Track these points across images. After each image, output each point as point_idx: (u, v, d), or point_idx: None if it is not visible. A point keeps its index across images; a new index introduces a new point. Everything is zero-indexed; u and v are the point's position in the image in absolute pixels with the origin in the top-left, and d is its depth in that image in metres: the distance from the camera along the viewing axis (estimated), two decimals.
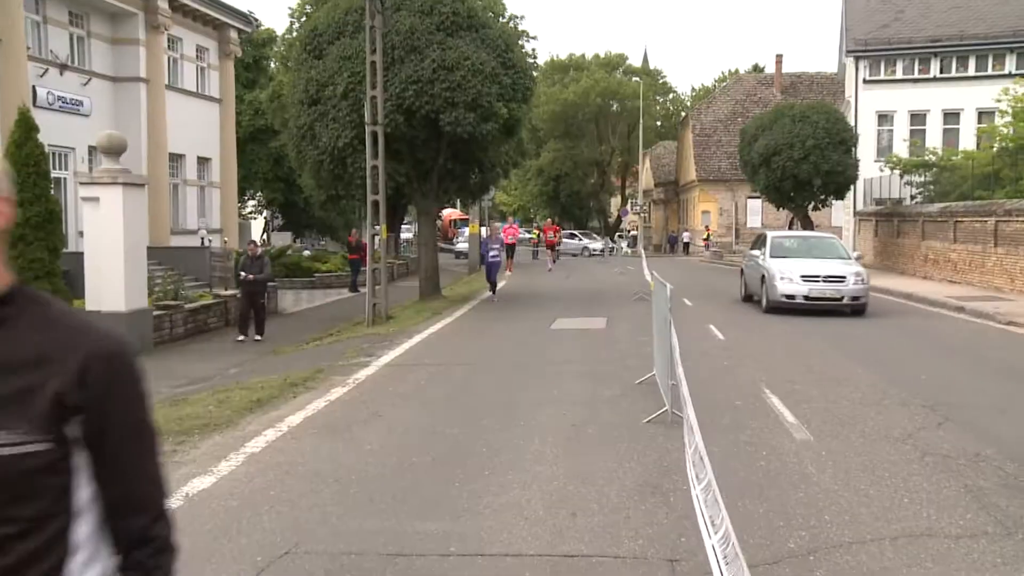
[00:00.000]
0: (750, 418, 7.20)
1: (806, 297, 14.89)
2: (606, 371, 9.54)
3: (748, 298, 17.23)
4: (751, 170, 28.92)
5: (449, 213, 52.25)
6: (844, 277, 14.99)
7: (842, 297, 14.85)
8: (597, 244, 46.78)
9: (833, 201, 29.67)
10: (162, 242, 21.42)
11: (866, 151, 30.86)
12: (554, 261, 30.59)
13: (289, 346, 14.22)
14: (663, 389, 7.37)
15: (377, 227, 16.01)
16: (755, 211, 47.80)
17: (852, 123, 30.44)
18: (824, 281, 14.96)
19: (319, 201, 27.61)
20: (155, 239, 20.73)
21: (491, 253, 18.79)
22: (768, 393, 8.19)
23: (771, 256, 15.93)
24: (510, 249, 28.32)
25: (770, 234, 17.30)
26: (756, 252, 17.07)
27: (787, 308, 14.96)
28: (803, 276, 15.00)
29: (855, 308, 14.93)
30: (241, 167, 33.52)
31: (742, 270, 18.18)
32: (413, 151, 17.97)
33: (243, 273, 14.94)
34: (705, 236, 45.42)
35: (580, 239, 46.46)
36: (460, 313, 16.31)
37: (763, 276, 15.71)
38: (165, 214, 22.20)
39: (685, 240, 54.61)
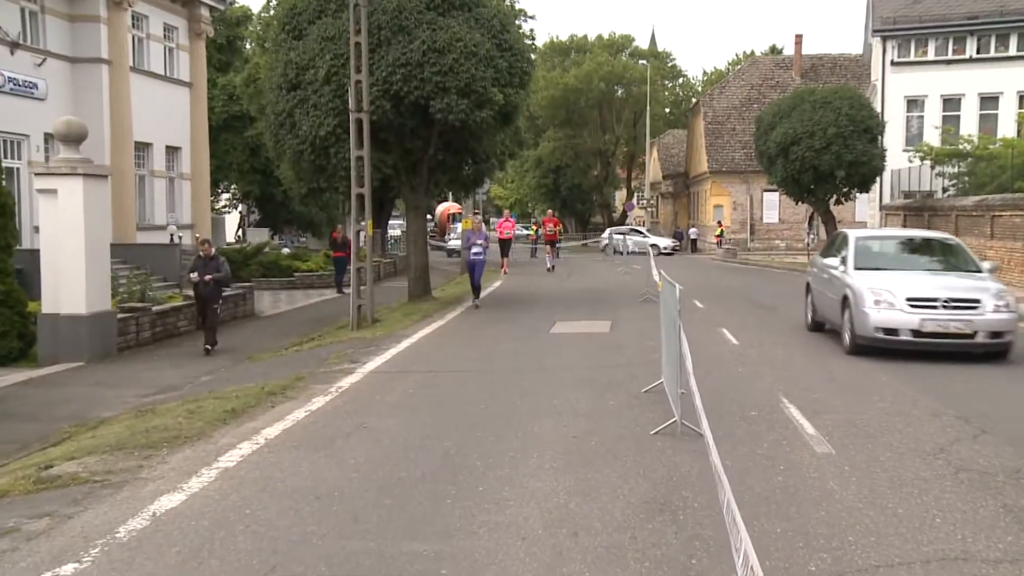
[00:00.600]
0: (767, 430, 7.21)
1: (916, 332, 10.42)
2: (610, 378, 9.55)
3: (818, 327, 13.15)
4: (768, 161, 28.96)
5: (447, 207, 52.28)
6: (977, 302, 10.50)
7: (974, 333, 10.35)
8: (666, 241, 46.74)
9: (857, 194, 29.67)
10: (127, 239, 21.43)
11: (894, 140, 30.86)
12: (555, 258, 29.94)
13: (266, 352, 14.20)
14: (672, 398, 7.38)
15: (362, 223, 15.99)
16: (772, 205, 47.92)
17: (878, 109, 30.46)
18: (945, 307, 10.48)
19: (299, 194, 27.69)
20: (119, 235, 20.74)
21: (473, 250, 17.44)
22: (786, 403, 8.20)
23: (856, 267, 11.58)
24: (505, 246, 27.90)
25: (853, 234, 12.68)
26: (831, 261, 12.61)
27: (885, 349, 10.65)
28: (910, 300, 10.55)
29: (994, 349, 10.48)
30: (214, 157, 33.53)
31: (808, 286, 13.80)
32: (401, 140, 17.96)
33: (193, 275, 14.34)
34: (718, 232, 45.37)
35: (646, 235, 46.16)
36: (452, 316, 16.31)
37: (844, 297, 11.36)
38: (130, 208, 22.19)
39: (693, 236, 54.73)
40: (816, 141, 26.63)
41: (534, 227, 46.54)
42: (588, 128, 58.58)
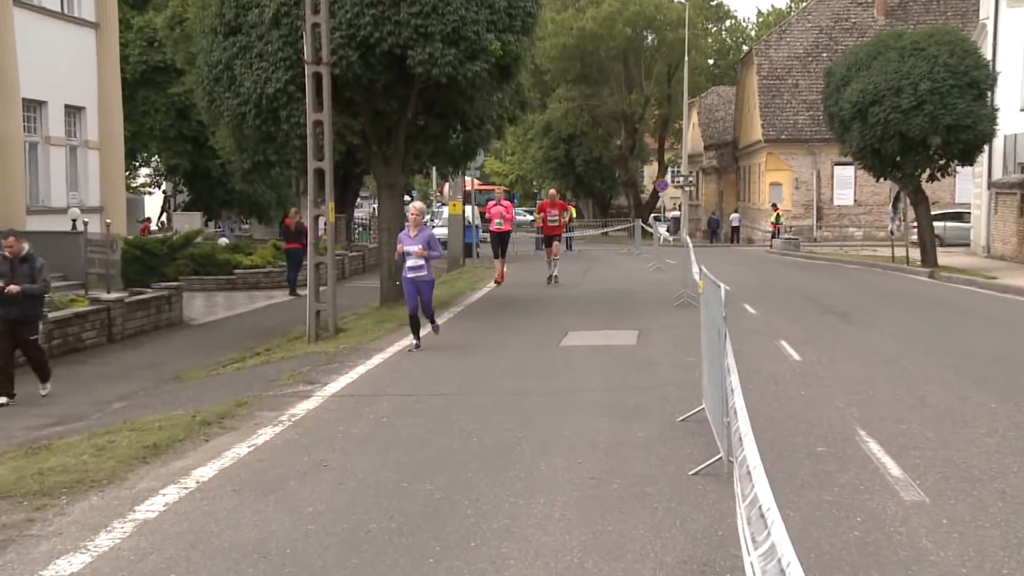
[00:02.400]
0: (839, 470, 7.22)
1: None
2: (637, 403, 9.56)
3: None
4: (840, 126, 28.98)
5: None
6: None
7: None
8: (661, 229, 46.75)
9: (958, 168, 29.59)
10: (14, 224, 21.38)
11: (1009, 97, 30.32)
12: (557, 261, 23.59)
13: (199, 370, 14.20)
14: (716, 429, 7.39)
15: (322, 206, 16.01)
16: (845, 183, 48.06)
17: (988, 57, 29.96)
18: None
19: (241, 169, 27.74)
20: (3, 221, 20.71)
21: (408, 265, 13.24)
22: (864, 435, 8.22)
23: None
24: (501, 242, 23.71)
25: None
26: None
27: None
28: None
29: None
30: (129, 120, 33.53)
31: None
32: (371, 101, 17.95)
33: None
34: (773, 218, 45.31)
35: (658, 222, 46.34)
36: (440, 321, 16.30)
37: None
38: (18, 185, 22.14)
39: (734, 223, 54.79)
40: (904, 99, 26.47)
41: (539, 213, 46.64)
42: (609, 86, 58.63)
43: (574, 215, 48.36)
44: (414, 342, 13.40)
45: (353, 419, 9.14)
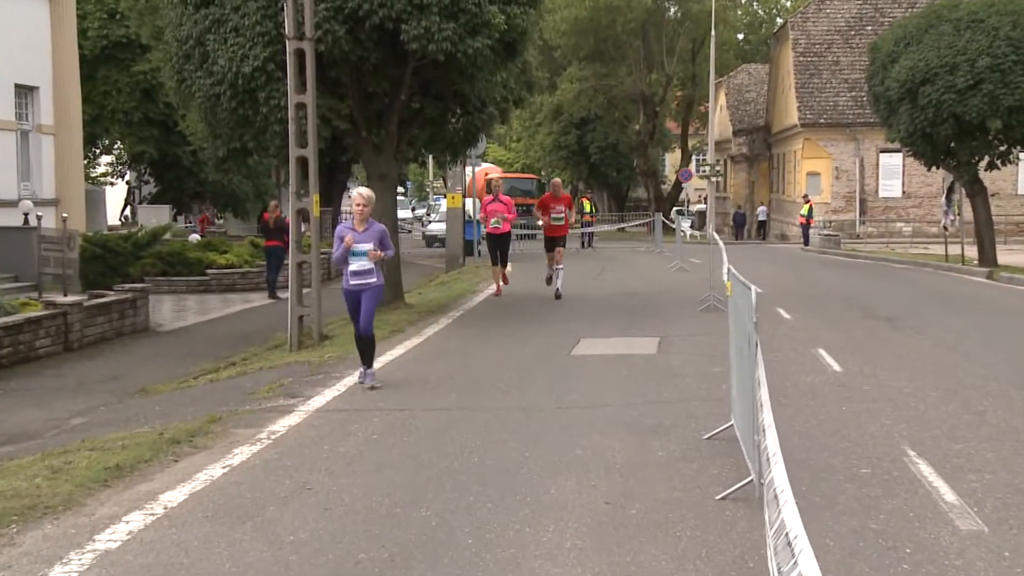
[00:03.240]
0: (885, 494, 7.21)
1: None
2: (658, 419, 9.58)
3: None
4: (886, 108, 28.96)
5: (484, 169, 52.66)
6: None
7: None
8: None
9: (1021, 155, 29.55)
10: None
11: None
12: (558, 270, 21.05)
13: (167, 382, 14.23)
14: (746, 448, 7.39)
15: (305, 198, 16.04)
16: (892, 172, 48.06)
17: None
18: None
19: (215, 157, 27.77)
20: None
21: (350, 270, 11.56)
22: (913, 456, 8.21)
23: None
24: (500, 245, 21.59)
25: None
26: None
27: None
28: None
29: None
30: (89, 102, 33.65)
31: None
32: (361, 81, 17.96)
33: None
34: (804, 211, 45.00)
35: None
36: (433, 330, 16.37)
37: None
38: None
39: (761, 218, 54.84)
40: (959, 78, 26.35)
41: (538, 210, 46.81)
42: (627, 64, 58.65)
43: (588, 208, 48.48)
44: (365, 371, 11.63)
45: (340, 437, 9.15)
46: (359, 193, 11.38)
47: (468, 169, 36.61)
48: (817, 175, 48.83)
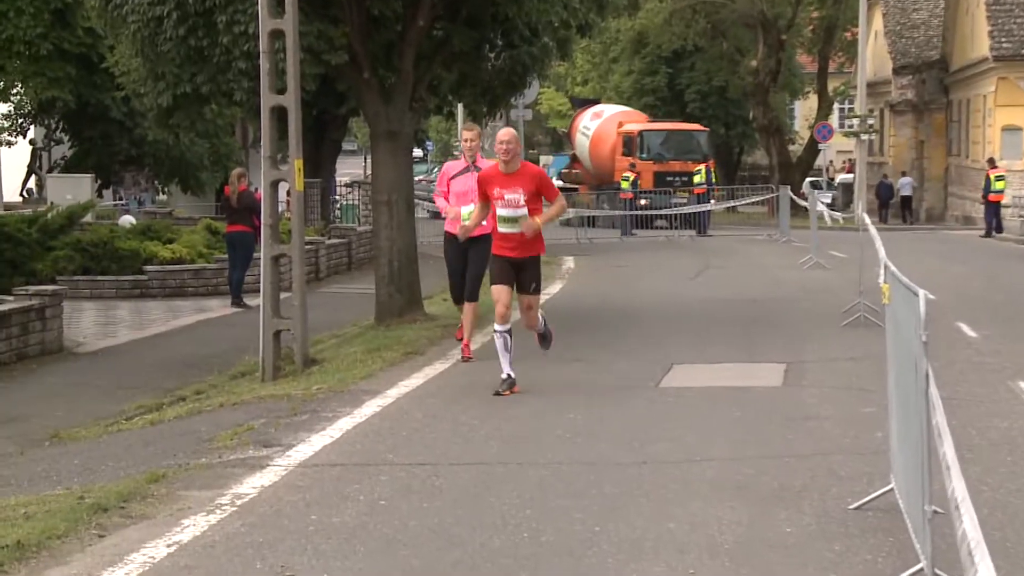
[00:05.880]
0: None
1: None
2: (785, 480, 9.55)
3: None
4: None
5: (619, 114, 52.81)
6: None
7: None
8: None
9: None
10: None
11: None
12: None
13: (88, 424, 14.31)
14: (912, 522, 7.36)
15: (284, 166, 16.09)
16: None
17: None
18: None
19: (156, 107, 27.80)
20: None
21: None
22: None
23: None
24: (471, 258, 16.63)
25: None
26: None
27: None
28: None
29: None
30: None
31: None
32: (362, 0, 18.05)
33: None
34: (995, 182, 44.04)
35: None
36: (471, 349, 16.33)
37: None
38: None
39: (904, 192, 54.31)
40: None
41: (632, 174, 46.88)
42: None
43: (706, 177, 48.25)
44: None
45: (334, 502, 9.15)
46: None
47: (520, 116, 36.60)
48: (1018, 130, 48.36)
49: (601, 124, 53.45)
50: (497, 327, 13.50)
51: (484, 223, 14.81)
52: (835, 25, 62.35)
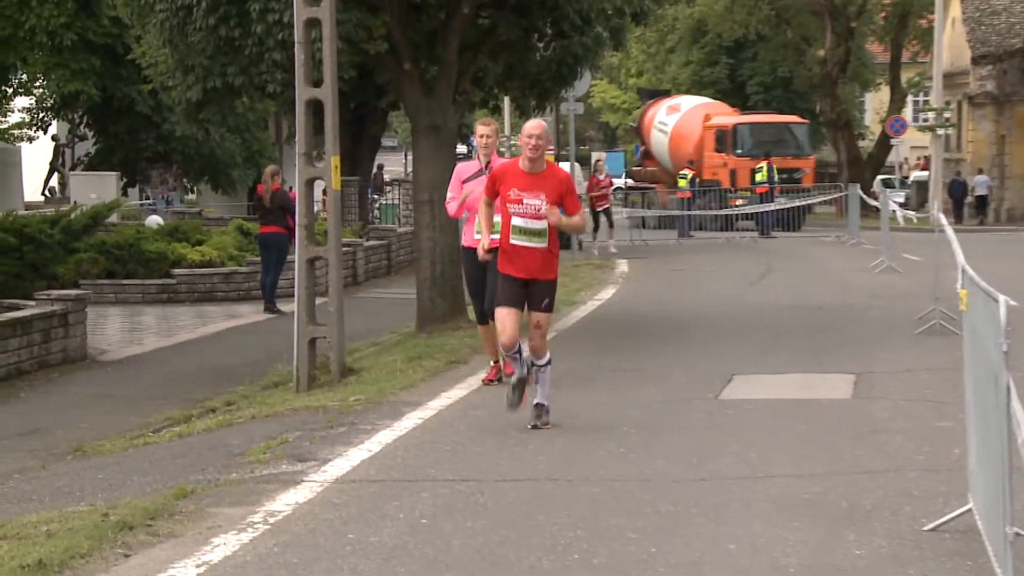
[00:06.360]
0: None
1: None
2: (855, 499, 9.51)
3: None
4: None
5: (705, 106, 52.57)
6: None
7: None
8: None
9: None
10: None
11: None
12: (521, 364, 16.30)
13: (113, 437, 14.36)
14: (992, 546, 7.32)
15: (320, 162, 16.13)
16: None
17: None
18: None
19: (185, 101, 27.94)
20: None
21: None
22: None
23: None
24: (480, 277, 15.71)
25: None
26: None
27: None
28: None
29: None
30: None
31: None
32: None
33: None
34: None
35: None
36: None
37: None
38: None
39: (979, 191, 53.96)
40: None
41: (690, 172, 46.84)
42: None
43: (768, 175, 48.03)
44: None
45: (372, 520, 9.17)
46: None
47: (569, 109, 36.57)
48: None
49: (682, 119, 53.11)
50: (505, 352, 12.80)
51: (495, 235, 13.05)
52: (909, 11, 62.09)
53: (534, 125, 12.38)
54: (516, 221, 12.09)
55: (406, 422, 12.77)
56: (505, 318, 12.18)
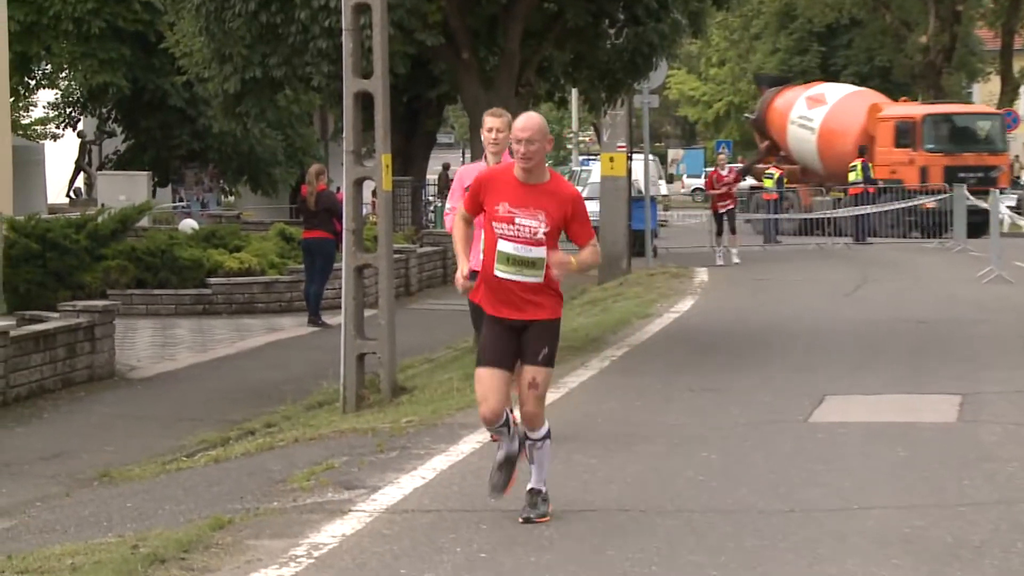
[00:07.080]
0: None
1: None
2: (961, 534, 9.45)
3: None
4: None
5: (870, 98, 52.22)
6: None
7: None
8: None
9: None
10: None
11: None
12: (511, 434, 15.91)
13: (143, 462, 14.45)
14: None
15: (370, 161, 16.19)
16: None
17: None
18: None
19: (222, 95, 28.09)
20: None
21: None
22: None
23: None
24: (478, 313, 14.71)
25: None
26: None
27: None
28: None
29: None
30: (17, 4, 34.36)
31: None
32: None
33: None
34: None
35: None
36: (579, 379, 16.44)
37: None
38: None
39: None
40: None
41: (777, 171, 46.70)
42: None
43: (864, 175, 47.74)
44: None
45: (426, 554, 9.17)
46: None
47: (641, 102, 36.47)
48: None
49: (832, 111, 51.74)
50: (487, 427, 10.43)
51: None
52: None
53: (528, 118, 9.90)
54: (504, 246, 9.69)
55: (463, 446, 12.77)
56: (487, 382, 9.88)
